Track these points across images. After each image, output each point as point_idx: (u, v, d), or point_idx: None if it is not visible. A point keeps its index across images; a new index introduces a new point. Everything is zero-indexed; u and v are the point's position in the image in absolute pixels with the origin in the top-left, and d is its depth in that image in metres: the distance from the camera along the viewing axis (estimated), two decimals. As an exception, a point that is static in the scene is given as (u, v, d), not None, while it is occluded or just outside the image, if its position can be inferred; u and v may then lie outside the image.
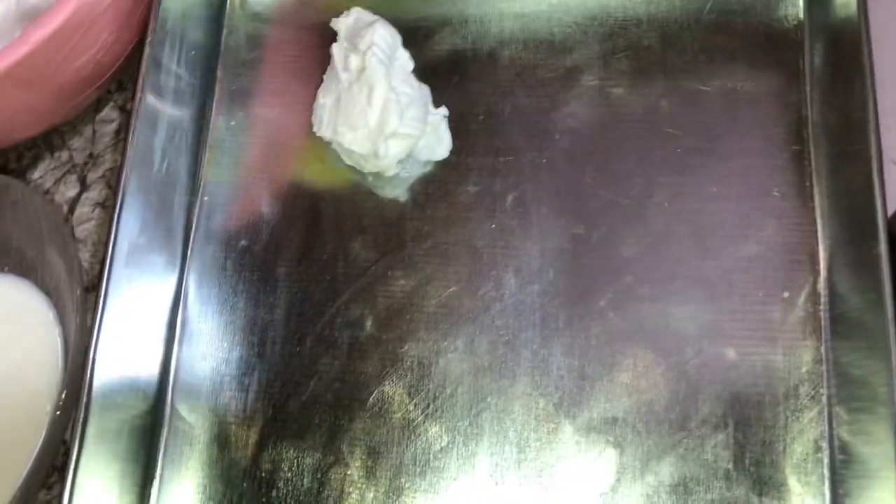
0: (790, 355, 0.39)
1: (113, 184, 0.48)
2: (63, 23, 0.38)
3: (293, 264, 0.44)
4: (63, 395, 0.37)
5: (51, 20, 0.38)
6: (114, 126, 0.49)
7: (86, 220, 0.47)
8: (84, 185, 0.48)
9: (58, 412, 0.37)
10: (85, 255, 0.46)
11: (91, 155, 0.49)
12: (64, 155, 0.49)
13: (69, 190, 0.48)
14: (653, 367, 0.40)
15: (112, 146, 0.49)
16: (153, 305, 0.43)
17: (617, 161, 0.43)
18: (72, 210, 0.48)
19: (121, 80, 0.49)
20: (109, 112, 0.50)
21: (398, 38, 0.44)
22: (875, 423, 0.35)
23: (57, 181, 0.49)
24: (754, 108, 0.43)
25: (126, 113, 0.49)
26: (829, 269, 0.40)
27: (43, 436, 0.39)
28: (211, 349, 0.43)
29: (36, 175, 0.49)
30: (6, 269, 0.44)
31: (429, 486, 0.40)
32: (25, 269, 0.44)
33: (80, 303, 0.38)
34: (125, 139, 0.40)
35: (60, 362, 0.42)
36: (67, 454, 0.37)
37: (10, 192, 0.42)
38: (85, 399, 0.37)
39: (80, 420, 0.37)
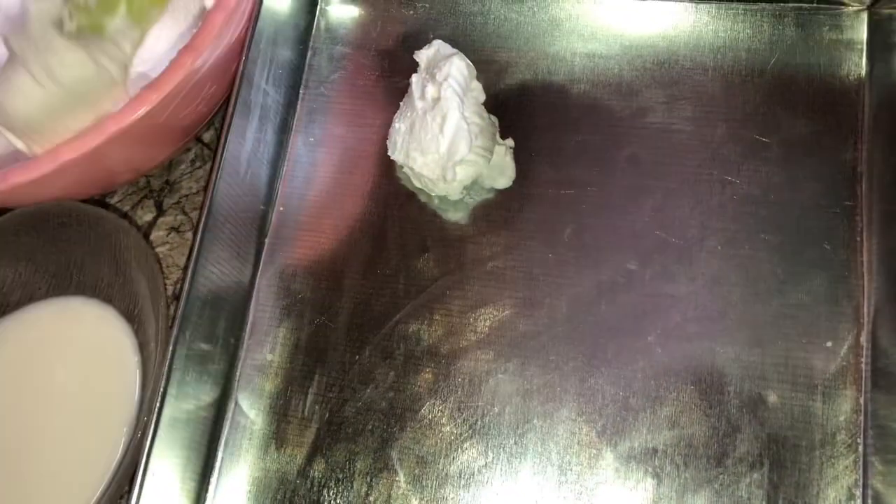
0: (829, 403, 0.41)
1: (188, 210, 0.51)
2: (174, 87, 0.41)
3: (358, 277, 0.47)
4: (138, 419, 0.40)
5: (162, 85, 0.41)
6: (190, 155, 0.52)
7: (161, 244, 0.50)
8: (160, 210, 0.51)
9: (137, 434, 0.40)
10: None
11: (167, 182, 0.51)
12: (142, 181, 0.52)
13: (146, 214, 0.51)
14: (695, 404, 0.42)
15: (188, 174, 0.51)
16: (226, 306, 0.45)
17: (674, 202, 0.45)
18: (147, 234, 0.50)
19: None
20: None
21: (473, 71, 0.46)
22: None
23: (134, 206, 0.51)
24: (811, 162, 0.44)
25: (202, 144, 0.52)
26: (874, 323, 0.41)
27: (118, 457, 0.42)
28: (276, 350, 0.46)
29: (115, 199, 0.52)
30: (89, 294, 0.47)
31: (472, 498, 0.42)
32: (109, 295, 0.47)
33: (163, 332, 0.41)
34: (217, 148, 0.43)
35: (138, 388, 0.44)
36: (142, 437, 0.39)
37: (102, 224, 0.45)
38: (162, 388, 0.39)
39: (157, 407, 0.39)
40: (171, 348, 0.40)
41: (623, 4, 0.49)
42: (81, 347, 0.46)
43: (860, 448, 0.40)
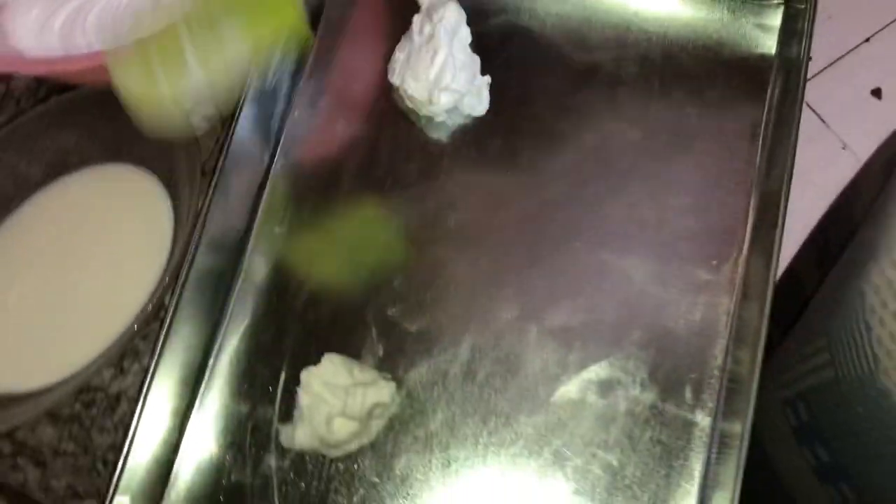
0: (708, 308, 0.53)
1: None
2: None
3: (355, 176, 0.58)
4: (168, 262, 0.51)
5: None
6: None
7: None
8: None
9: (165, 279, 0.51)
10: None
11: None
12: None
13: None
14: (606, 296, 0.54)
15: None
16: (245, 185, 0.57)
17: (611, 139, 0.56)
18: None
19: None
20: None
21: (464, 17, 0.57)
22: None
23: None
24: (724, 119, 0.56)
25: None
26: (749, 250, 0.53)
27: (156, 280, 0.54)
28: (285, 223, 0.57)
29: None
30: (136, 163, 0.58)
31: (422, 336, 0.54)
32: (153, 166, 0.58)
33: (196, 198, 0.51)
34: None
35: (169, 242, 0.56)
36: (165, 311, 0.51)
37: None
38: (191, 256, 0.51)
39: (185, 270, 0.51)
40: (205, 210, 0.52)
41: (593, -24, 0.60)
42: (128, 204, 0.57)
43: (725, 341, 0.52)
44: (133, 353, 0.56)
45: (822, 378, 0.52)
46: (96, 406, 0.56)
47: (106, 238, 0.57)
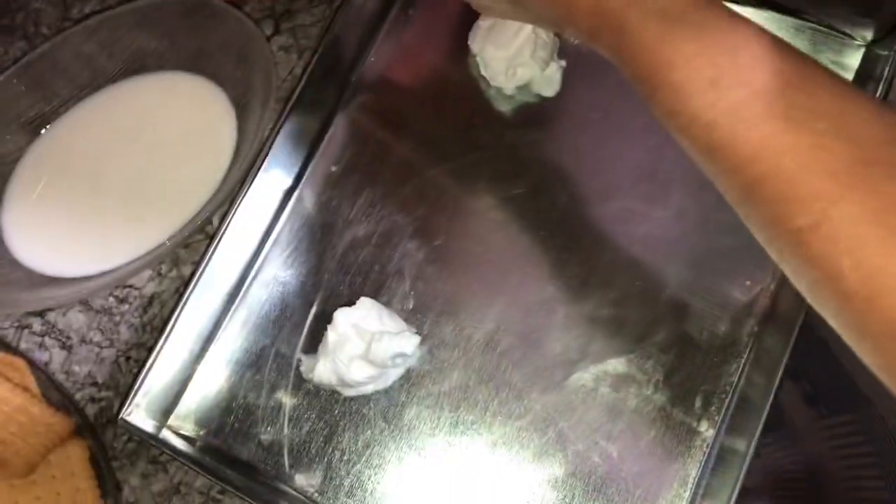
0: (734, 324, 0.54)
1: (298, 37, 0.62)
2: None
3: (415, 133, 0.59)
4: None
5: None
6: None
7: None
8: (277, 30, 0.62)
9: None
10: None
11: (288, 10, 0.62)
12: (267, 2, 0.63)
13: (265, 29, 0.62)
14: (635, 296, 0.55)
15: (305, 10, 0.62)
16: (313, 124, 0.58)
17: (669, 144, 0.57)
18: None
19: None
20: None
21: (553, -2, 0.58)
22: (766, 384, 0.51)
23: (258, 20, 0.62)
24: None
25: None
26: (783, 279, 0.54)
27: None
28: (341, 163, 0.59)
29: (246, 8, 0.62)
30: (209, 76, 0.60)
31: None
32: (225, 82, 0.59)
33: (266, 121, 0.53)
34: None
35: (229, 158, 0.58)
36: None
37: (240, 25, 0.56)
38: (250, 179, 0.53)
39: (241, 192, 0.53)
40: (272, 138, 0.53)
41: None
42: (196, 115, 0.59)
43: (743, 360, 0.54)
44: (173, 260, 0.58)
45: None
46: (128, 303, 0.57)
47: (168, 144, 0.58)
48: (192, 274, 0.53)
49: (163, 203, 0.57)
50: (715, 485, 0.51)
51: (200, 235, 0.58)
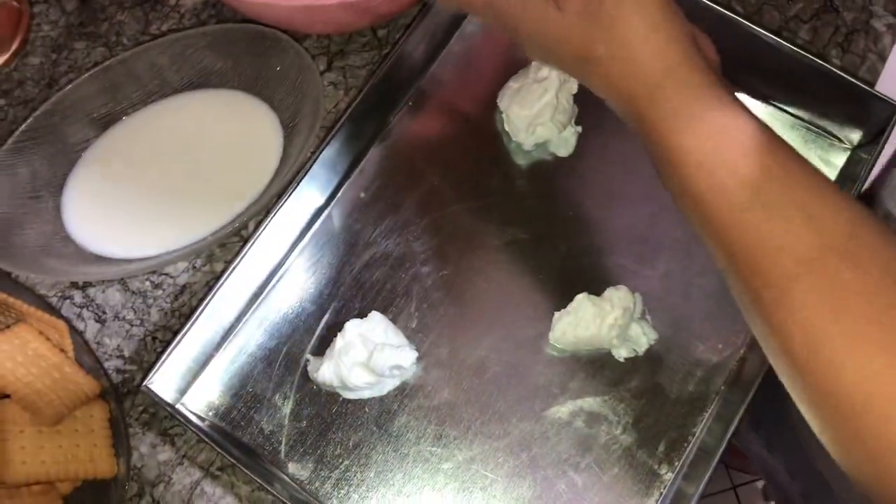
0: (702, 383, 0.59)
1: (348, 76, 0.69)
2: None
3: (439, 174, 0.66)
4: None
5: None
6: (364, 40, 0.70)
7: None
8: (329, 67, 0.70)
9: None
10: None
11: (342, 50, 0.70)
12: (324, 41, 0.70)
13: (319, 65, 0.69)
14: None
15: (357, 52, 0.69)
16: (350, 150, 0.65)
17: (666, 215, 0.64)
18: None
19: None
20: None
21: (576, 71, 0.65)
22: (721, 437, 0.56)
23: (314, 56, 0.69)
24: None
25: (375, 35, 0.71)
26: (750, 346, 0.60)
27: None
28: (369, 193, 0.65)
29: (304, 44, 0.70)
30: (264, 98, 0.67)
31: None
32: (278, 106, 0.66)
33: (311, 145, 0.60)
34: (395, 44, 0.62)
35: (274, 169, 0.64)
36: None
37: (298, 57, 0.63)
38: (287, 194, 0.59)
39: (277, 205, 0.59)
40: (312, 160, 0.60)
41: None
42: (248, 130, 0.66)
43: (707, 414, 0.59)
44: (208, 256, 0.64)
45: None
46: (162, 289, 0.64)
47: (219, 153, 0.65)
48: (223, 271, 0.60)
49: (207, 204, 0.63)
50: (668, 524, 0.56)
51: (236, 238, 0.64)
